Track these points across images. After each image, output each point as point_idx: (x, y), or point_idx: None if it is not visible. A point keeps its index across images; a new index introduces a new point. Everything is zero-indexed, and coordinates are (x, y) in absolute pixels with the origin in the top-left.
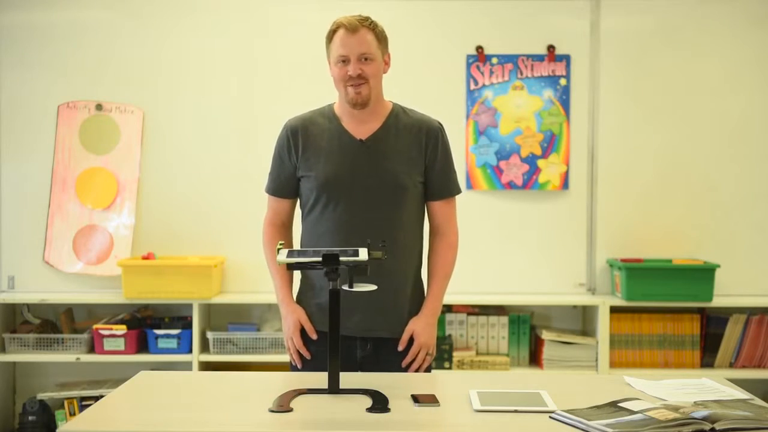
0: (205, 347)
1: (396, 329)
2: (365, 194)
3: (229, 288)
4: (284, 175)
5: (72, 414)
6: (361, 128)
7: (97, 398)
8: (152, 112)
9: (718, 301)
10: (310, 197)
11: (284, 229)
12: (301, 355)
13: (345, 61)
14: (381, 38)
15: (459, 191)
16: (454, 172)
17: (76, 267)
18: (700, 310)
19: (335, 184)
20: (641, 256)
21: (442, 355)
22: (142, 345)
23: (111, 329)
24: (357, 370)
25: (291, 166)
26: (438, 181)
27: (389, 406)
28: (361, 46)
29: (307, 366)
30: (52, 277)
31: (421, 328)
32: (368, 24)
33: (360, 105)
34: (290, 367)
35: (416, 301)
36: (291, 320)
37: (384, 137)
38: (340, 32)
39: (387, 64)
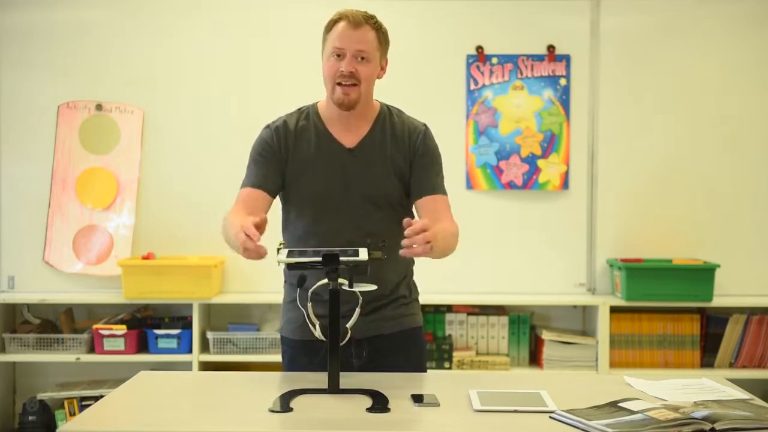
0: (205, 347)
1: (393, 325)
2: (353, 205)
3: (229, 288)
4: (272, 170)
5: (72, 414)
6: (348, 135)
7: (97, 398)
8: (152, 112)
9: (718, 301)
10: (291, 209)
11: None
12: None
13: (340, 55)
14: (383, 40)
15: (443, 192)
16: (440, 174)
17: (76, 267)
18: (700, 310)
19: (323, 198)
20: (641, 256)
21: (442, 355)
22: (142, 345)
23: (111, 329)
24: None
25: (282, 162)
26: (419, 178)
27: (389, 406)
28: (360, 43)
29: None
30: (52, 277)
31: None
32: (373, 22)
33: (345, 107)
34: (282, 368)
35: (412, 301)
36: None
37: (371, 144)
38: (341, 24)
39: (383, 70)
